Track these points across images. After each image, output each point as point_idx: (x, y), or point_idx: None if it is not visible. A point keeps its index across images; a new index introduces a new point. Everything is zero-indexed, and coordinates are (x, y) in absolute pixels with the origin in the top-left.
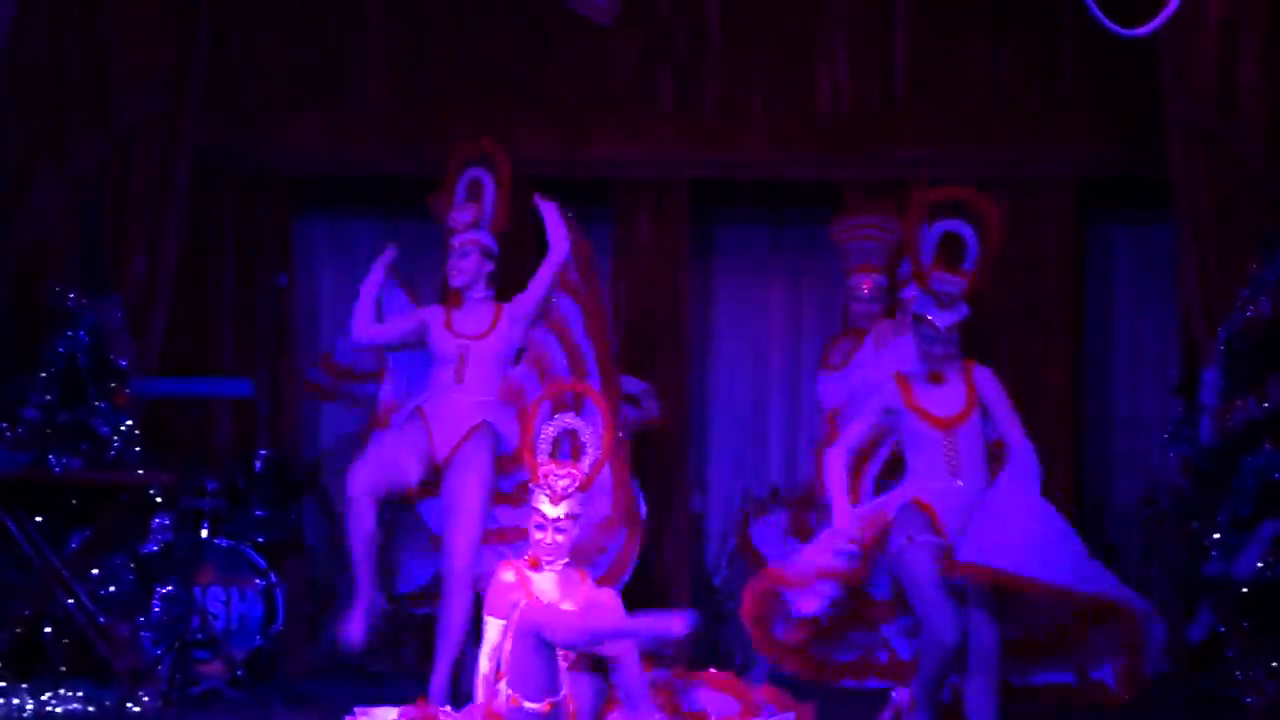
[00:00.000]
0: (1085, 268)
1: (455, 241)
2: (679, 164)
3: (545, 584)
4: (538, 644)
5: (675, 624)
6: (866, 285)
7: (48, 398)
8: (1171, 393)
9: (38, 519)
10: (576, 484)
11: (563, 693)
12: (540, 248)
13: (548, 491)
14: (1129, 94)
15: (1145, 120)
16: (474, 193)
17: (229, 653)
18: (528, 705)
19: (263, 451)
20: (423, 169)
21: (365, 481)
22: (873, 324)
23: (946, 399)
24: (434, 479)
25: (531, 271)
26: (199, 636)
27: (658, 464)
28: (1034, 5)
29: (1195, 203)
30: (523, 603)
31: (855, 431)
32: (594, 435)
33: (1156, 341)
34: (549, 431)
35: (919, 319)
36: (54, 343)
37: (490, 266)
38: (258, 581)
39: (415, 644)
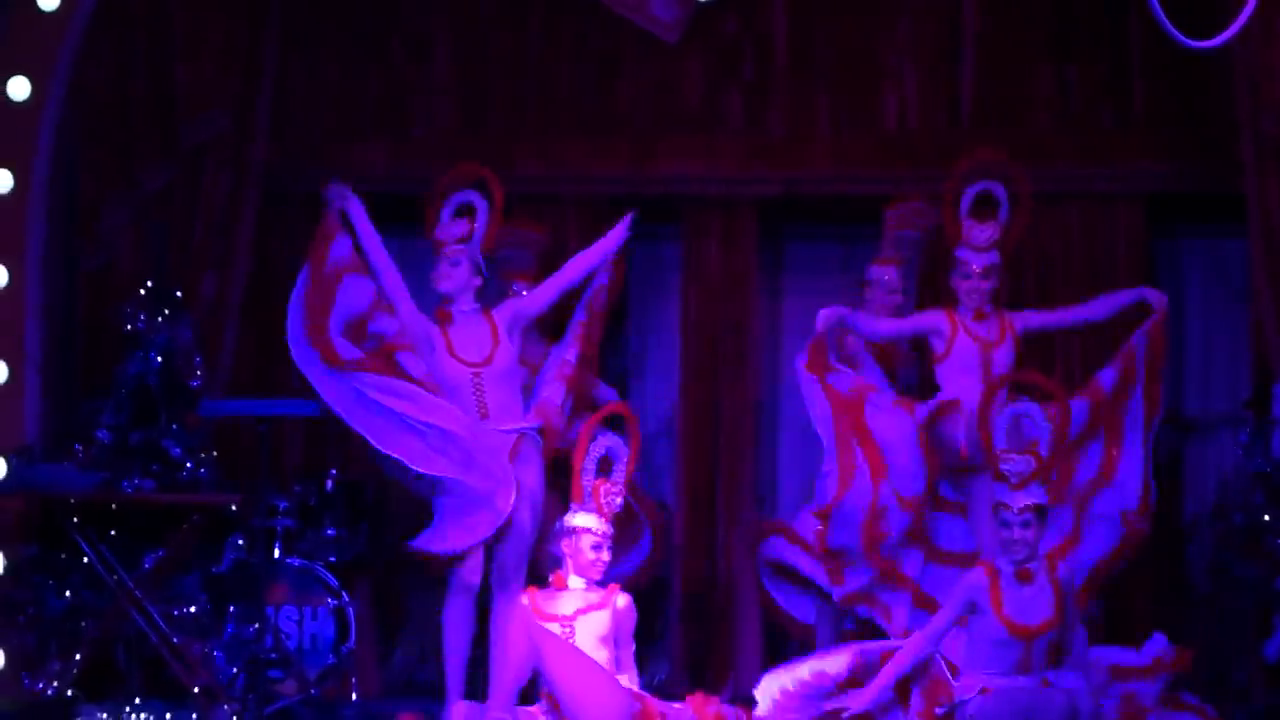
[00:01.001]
0: (1155, 281)
1: (447, 250)
2: (747, 181)
3: (567, 604)
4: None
5: None
6: (889, 274)
7: (120, 419)
8: (1243, 407)
9: (110, 539)
10: (616, 502)
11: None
12: None
13: (599, 508)
14: (1199, 108)
15: (1215, 134)
16: (464, 213)
17: (302, 671)
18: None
19: (333, 471)
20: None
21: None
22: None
23: (1033, 605)
24: None
25: None
26: (272, 656)
27: (726, 480)
28: (1101, 22)
29: (1268, 216)
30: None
31: (941, 626)
32: (625, 453)
33: (1227, 356)
34: (596, 450)
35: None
36: (125, 365)
37: (479, 282)
38: (330, 601)
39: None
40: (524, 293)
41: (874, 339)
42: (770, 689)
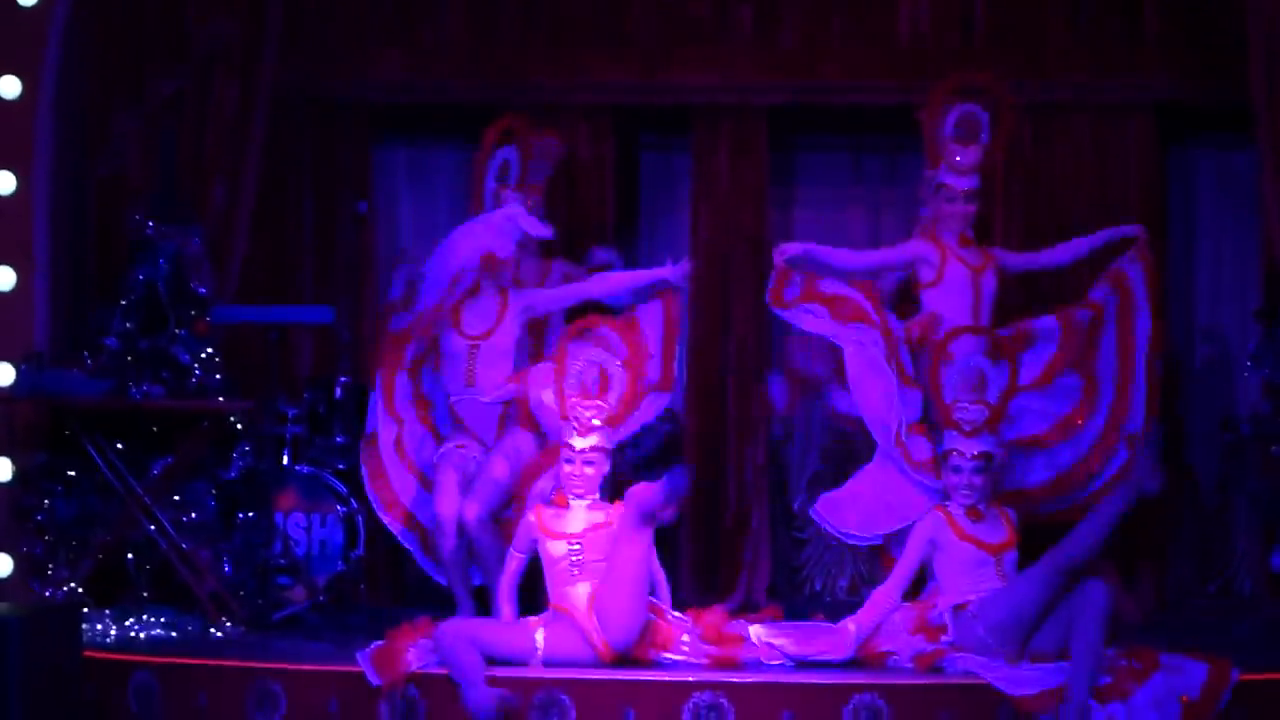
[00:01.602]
0: (1167, 194)
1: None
2: (758, 90)
3: (573, 522)
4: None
5: None
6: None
7: (129, 326)
8: (1253, 317)
9: (119, 447)
10: (604, 417)
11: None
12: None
13: (576, 425)
14: (1210, 20)
15: (1226, 45)
16: (504, 175)
17: (310, 578)
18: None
19: (343, 379)
20: (501, 99)
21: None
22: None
23: (990, 529)
24: None
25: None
26: (281, 562)
27: (737, 392)
28: None
29: (1278, 126)
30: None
31: (906, 573)
32: (620, 369)
33: (1237, 267)
34: (576, 367)
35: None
36: (135, 272)
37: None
38: (339, 508)
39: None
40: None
41: (855, 275)
42: (761, 634)
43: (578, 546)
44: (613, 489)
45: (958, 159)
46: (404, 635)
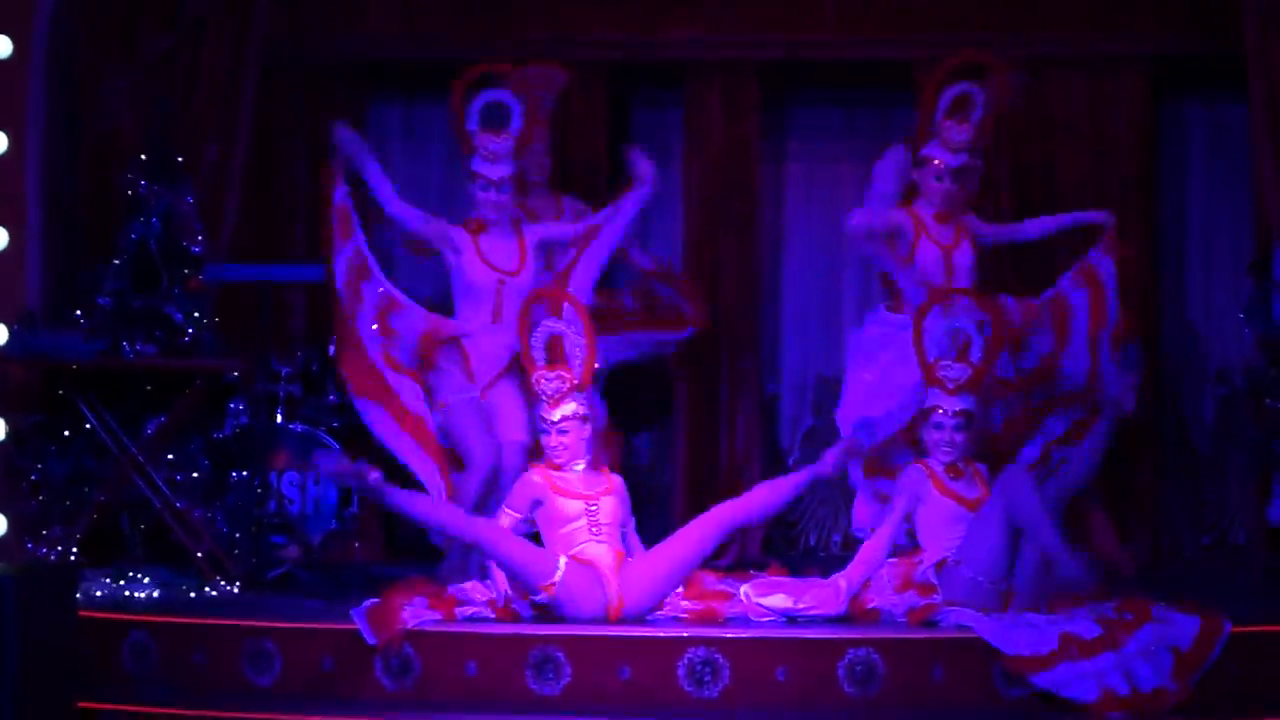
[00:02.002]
0: (1159, 147)
1: (493, 174)
2: (749, 45)
3: (572, 480)
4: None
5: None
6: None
7: (121, 285)
8: (1246, 271)
9: (113, 406)
10: (569, 385)
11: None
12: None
13: (544, 395)
14: None
15: None
16: (494, 115)
17: (304, 537)
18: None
19: (336, 337)
20: (494, 55)
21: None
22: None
23: (969, 485)
24: None
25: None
26: (274, 521)
27: (729, 348)
28: None
29: (1270, 80)
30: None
31: (891, 530)
32: (578, 338)
33: (1230, 220)
34: (538, 339)
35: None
36: (127, 231)
37: (521, 196)
38: None
39: None
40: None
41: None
42: (750, 593)
43: (595, 507)
44: None
45: (952, 135)
46: (398, 593)
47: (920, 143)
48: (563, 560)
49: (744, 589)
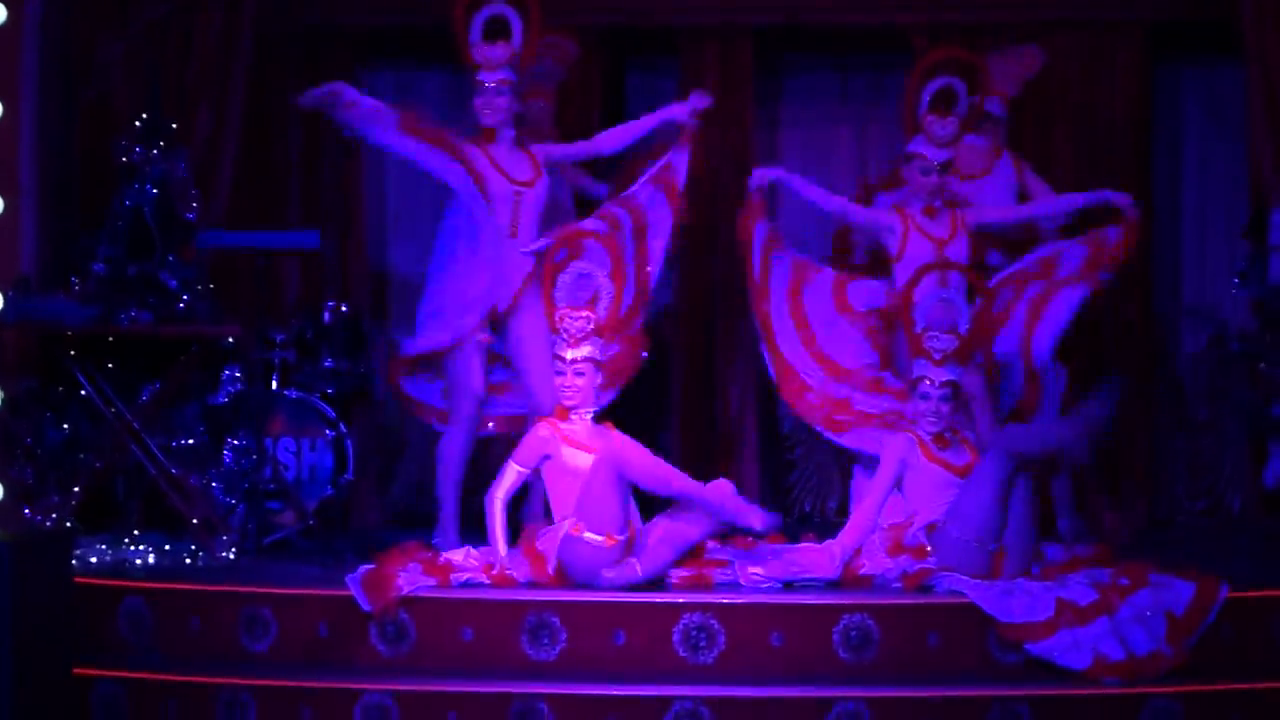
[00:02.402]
0: (1154, 112)
1: (490, 80)
2: (745, 10)
3: (580, 433)
4: (618, 480)
5: (756, 519)
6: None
7: (116, 251)
8: (1240, 235)
9: (108, 372)
10: (593, 326)
11: (626, 534)
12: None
13: (565, 335)
14: None
15: None
16: (496, 30)
17: (300, 503)
18: (589, 536)
19: (330, 303)
20: None
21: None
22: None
23: (957, 452)
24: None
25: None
26: (270, 487)
27: (724, 315)
28: None
29: (1264, 46)
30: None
31: (880, 496)
32: (606, 279)
33: (1225, 184)
34: (565, 279)
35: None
36: (121, 197)
37: (519, 106)
38: (328, 432)
39: None
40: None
41: (816, 206)
42: (743, 561)
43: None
44: None
45: (935, 130)
46: (394, 560)
47: (906, 138)
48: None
49: (739, 561)
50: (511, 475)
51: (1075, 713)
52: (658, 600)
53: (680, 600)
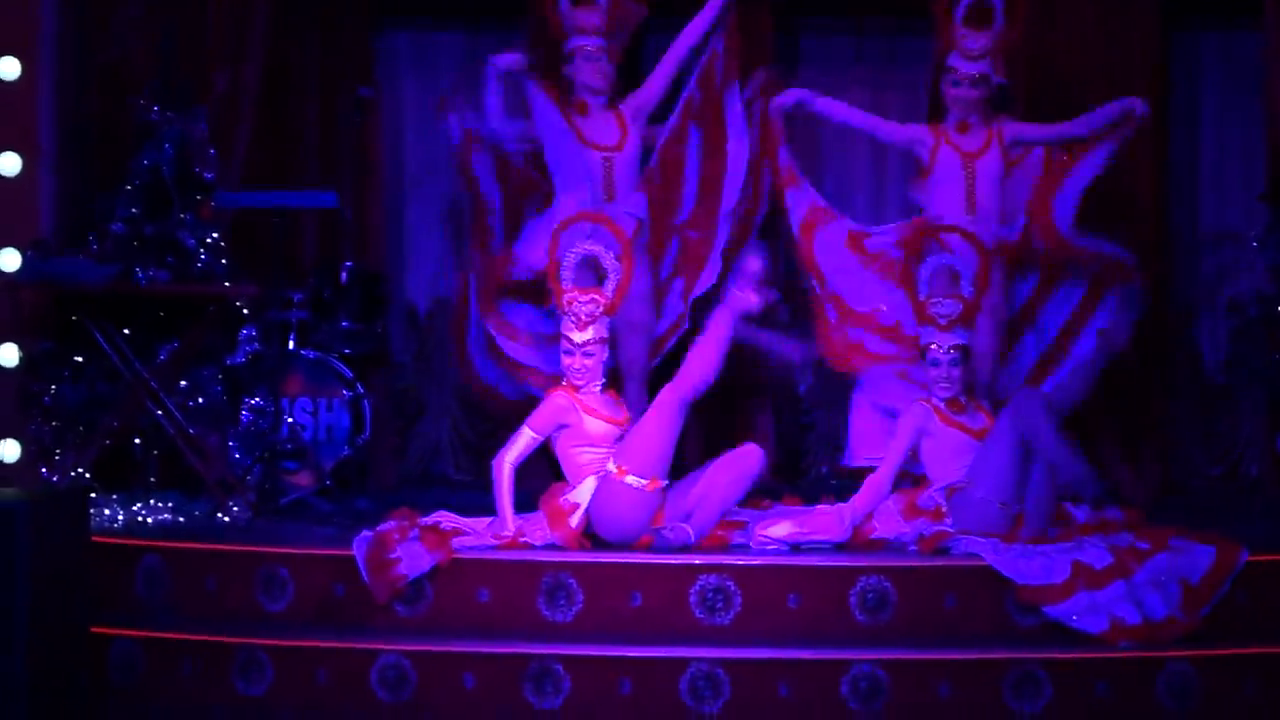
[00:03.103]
0: (1171, 77)
1: (589, 45)
2: None
3: (597, 402)
4: (672, 421)
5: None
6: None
7: (134, 211)
8: (1258, 199)
9: (126, 332)
10: (601, 308)
11: (667, 481)
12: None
13: (573, 317)
14: None
15: None
16: None
17: (317, 463)
18: (631, 479)
19: (348, 263)
20: None
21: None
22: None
23: (972, 417)
24: None
25: None
26: (287, 447)
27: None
28: None
29: None
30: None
31: (896, 460)
32: (613, 260)
33: (1242, 149)
34: (571, 259)
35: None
36: (139, 157)
37: (613, 70)
38: (345, 392)
39: None
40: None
41: (845, 125)
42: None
43: (622, 432)
44: None
45: (968, 43)
46: (390, 540)
47: (942, 54)
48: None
49: (750, 522)
50: (525, 441)
51: (1092, 676)
52: (674, 562)
53: (697, 562)
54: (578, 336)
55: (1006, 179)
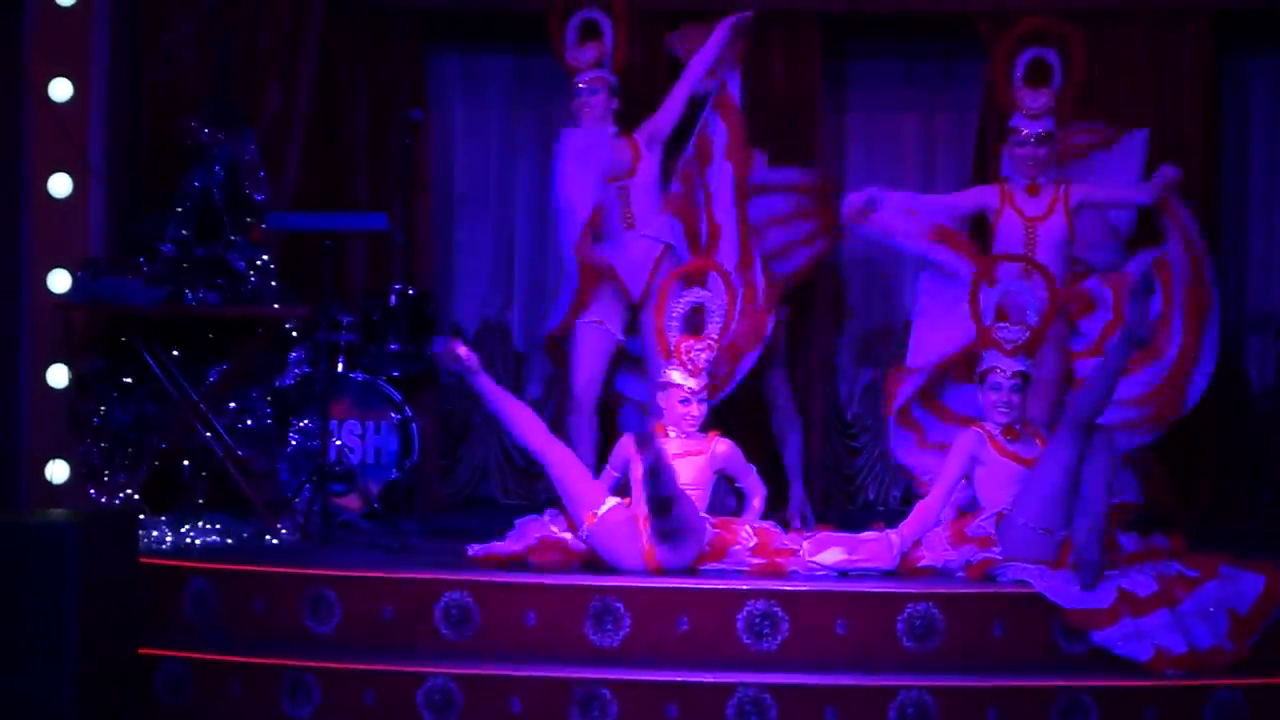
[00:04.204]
0: (1221, 101)
1: (581, 80)
2: None
3: (672, 448)
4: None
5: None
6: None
7: (184, 233)
8: None
9: (175, 353)
10: (713, 355)
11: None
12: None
13: (688, 366)
14: None
15: None
16: (588, 33)
17: (365, 486)
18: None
19: (397, 286)
20: (552, 3)
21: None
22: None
23: (1027, 446)
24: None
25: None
26: (335, 470)
27: (793, 300)
28: None
29: None
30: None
31: (949, 485)
32: (720, 306)
33: None
34: (679, 309)
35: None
36: (190, 178)
37: (616, 104)
38: (393, 415)
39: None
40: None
41: (918, 209)
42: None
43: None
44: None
45: (1029, 102)
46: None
47: (1004, 115)
48: (611, 500)
49: (804, 545)
50: (608, 480)
51: (1140, 703)
52: (722, 587)
53: (744, 587)
54: (690, 383)
55: (1070, 243)
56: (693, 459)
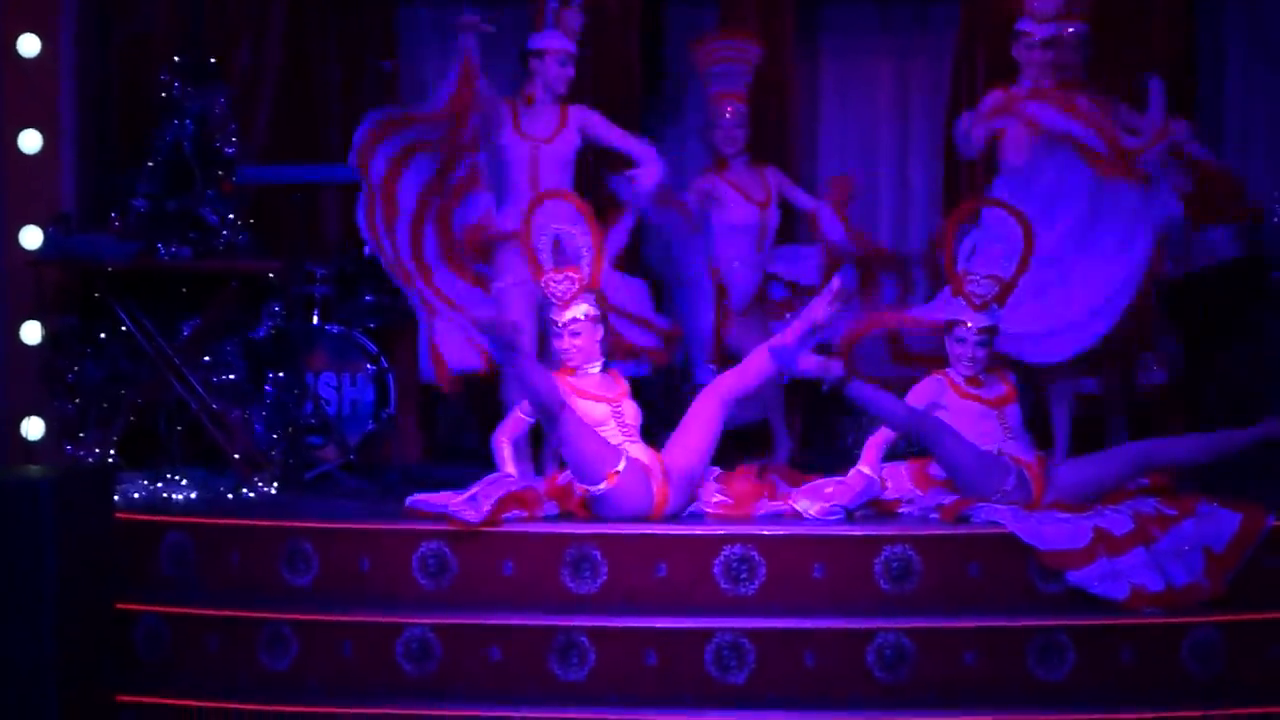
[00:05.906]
0: (1196, 41)
1: (569, 49)
2: None
3: (592, 383)
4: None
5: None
6: (729, 110)
7: (156, 187)
8: None
9: (149, 308)
10: (578, 286)
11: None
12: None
13: (554, 299)
14: None
15: None
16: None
17: (342, 437)
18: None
19: None
20: None
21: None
22: (736, 149)
23: (990, 387)
24: None
25: None
26: (312, 422)
27: None
28: None
29: None
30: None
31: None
32: (585, 237)
33: (1268, 109)
34: (543, 241)
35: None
36: (161, 133)
37: (570, 72)
38: (369, 367)
39: None
40: (729, 113)
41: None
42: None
43: (620, 409)
44: None
45: (1035, 5)
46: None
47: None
48: (622, 463)
49: (801, 502)
50: (519, 424)
51: (1116, 642)
52: (699, 532)
53: (721, 532)
54: (559, 317)
55: None
56: (628, 401)
